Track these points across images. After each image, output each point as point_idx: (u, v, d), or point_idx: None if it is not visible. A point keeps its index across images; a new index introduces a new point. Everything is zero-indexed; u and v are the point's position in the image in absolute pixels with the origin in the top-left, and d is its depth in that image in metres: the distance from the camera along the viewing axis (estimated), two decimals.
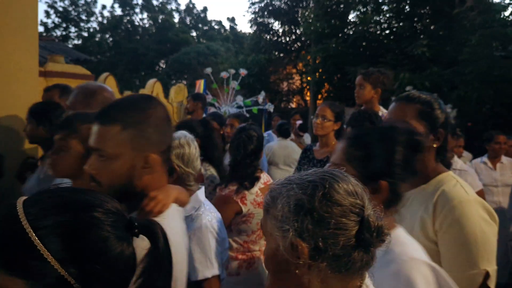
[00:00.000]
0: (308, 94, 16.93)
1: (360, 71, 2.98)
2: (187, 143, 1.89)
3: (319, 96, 15.53)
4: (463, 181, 1.42)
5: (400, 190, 1.18)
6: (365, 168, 1.16)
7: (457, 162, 3.48)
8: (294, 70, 18.05)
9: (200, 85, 7.62)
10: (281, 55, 17.88)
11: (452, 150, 3.65)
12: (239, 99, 6.58)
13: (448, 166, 1.50)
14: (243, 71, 6.81)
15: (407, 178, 1.19)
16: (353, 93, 3.25)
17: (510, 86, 9.06)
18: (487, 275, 1.24)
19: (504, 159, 4.53)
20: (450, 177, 1.41)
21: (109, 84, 4.56)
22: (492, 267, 1.25)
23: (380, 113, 2.88)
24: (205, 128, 3.12)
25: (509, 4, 11.03)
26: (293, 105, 18.24)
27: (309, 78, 15.03)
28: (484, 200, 1.36)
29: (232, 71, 6.81)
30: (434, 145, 1.43)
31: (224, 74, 6.71)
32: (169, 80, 23.80)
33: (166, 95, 6.36)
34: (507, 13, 10.93)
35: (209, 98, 6.87)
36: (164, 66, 28.22)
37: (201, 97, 5.13)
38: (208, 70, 6.78)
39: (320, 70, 13.76)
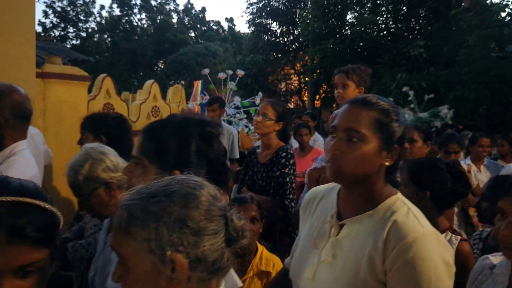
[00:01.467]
0: (306, 94, 16.97)
1: (338, 69, 2.59)
2: (101, 153, 1.71)
3: (317, 97, 15.59)
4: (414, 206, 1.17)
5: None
6: (160, 160, 1.18)
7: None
8: (292, 71, 18.09)
9: (198, 85, 7.61)
10: (279, 55, 17.90)
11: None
12: (237, 100, 6.57)
13: (397, 185, 1.24)
14: (240, 72, 6.80)
15: (202, 167, 1.21)
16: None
17: (506, 87, 9.10)
18: None
19: (486, 161, 4.41)
20: (400, 201, 1.15)
21: (106, 84, 4.55)
22: None
23: None
24: (118, 127, 2.57)
25: (506, 5, 11.08)
26: (291, 106, 18.27)
27: (307, 79, 15.07)
28: (438, 232, 1.14)
29: (230, 71, 6.80)
30: (386, 163, 1.13)
31: (221, 75, 6.70)
32: (167, 81, 23.80)
33: (164, 95, 6.36)
34: (503, 14, 10.97)
35: (207, 99, 6.89)
36: (162, 67, 28.21)
37: (224, 102, 5.18)
38: (206, 71, 6.77)
39: (318, 71, 13.79)
